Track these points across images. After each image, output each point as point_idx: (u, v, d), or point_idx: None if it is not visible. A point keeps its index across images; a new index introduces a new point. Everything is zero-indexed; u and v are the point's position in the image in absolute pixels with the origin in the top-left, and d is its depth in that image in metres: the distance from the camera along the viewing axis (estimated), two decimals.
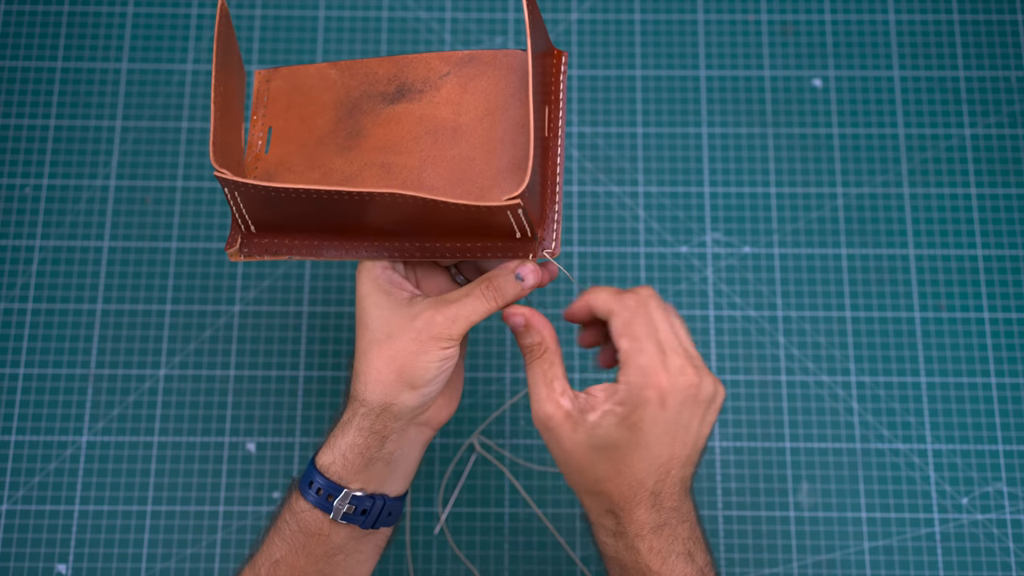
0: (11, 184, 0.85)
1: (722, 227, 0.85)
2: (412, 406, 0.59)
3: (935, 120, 0.87)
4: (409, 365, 0.58)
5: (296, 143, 0.63)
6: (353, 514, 0.60)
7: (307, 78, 0.65)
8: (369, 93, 0.63)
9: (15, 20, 0.89)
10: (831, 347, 0.82)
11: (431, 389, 0.59)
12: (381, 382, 0.58)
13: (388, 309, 0.59)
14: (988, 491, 0.79)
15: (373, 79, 0.63)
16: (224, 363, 0.82)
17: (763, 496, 0.79)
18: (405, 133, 0.61)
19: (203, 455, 0.80)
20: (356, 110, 0.63)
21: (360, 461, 0.60)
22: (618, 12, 0.90)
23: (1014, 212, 0.85)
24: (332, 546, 0.61)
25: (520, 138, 0.59)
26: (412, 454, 0.62)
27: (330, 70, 0.64)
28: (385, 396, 0.58)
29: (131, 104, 0.87)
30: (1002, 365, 0.81)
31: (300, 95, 0.64)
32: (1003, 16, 0.89)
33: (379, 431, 0.59)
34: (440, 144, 0.60)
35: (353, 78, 0.64)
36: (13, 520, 0.78)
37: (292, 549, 0.60)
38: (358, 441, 0.59)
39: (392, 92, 0.63)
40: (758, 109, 0.88)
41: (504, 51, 0.62)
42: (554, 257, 0.59)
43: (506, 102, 0.61)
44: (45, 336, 0.82)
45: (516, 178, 0.59)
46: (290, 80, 0.65)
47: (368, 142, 0.61)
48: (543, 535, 0.78)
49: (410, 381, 0.58)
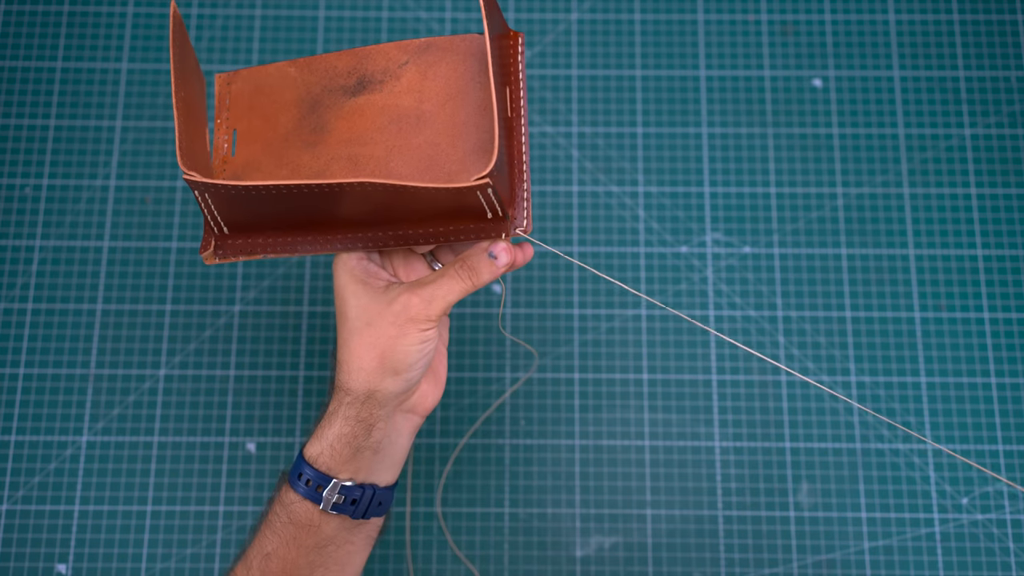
0: (11, 184, 0.85)
1: (722, 227, 0.85)
2: (396, 391, 0.59)
3: (935, 120, 0.87)
4: (390, 350, 0.58)
5: (261, 142, 0.63)
6: (343, 504, 0.60)
7: (267, 78, 0.65)
8: (330, 88, 0.63)
9: (15, 20, 0.89)
10: (831, 347, 0.82)
11: (413, 374, 0.59)
12: (364, 369, 0.59)
13: (366, 297, 0.59)
14: (988, 491, 0.79)
15: (333, 73, 0.64)
16: (224, 363, 0.82)
17: (763, 496, 0.79)
18: (369, 124, 0.62)
19: (203, 455, 0.80)
20: (318, 105, 0.63)
21: (348, 451, 0.60)
22: (618, 12, 0.90)
23: (1014, 212, 0.85)
24: (323, 537, 0.61)
25: (483, 121, 0.60)
26: (399, 442, 0.62)
27: (289, 68, 0.64)
28: (368, 383, 0.59)
29: (131, 104, 0.87)
30: (1002, 365, 0.81)
31: (261, 95, 0.64)
32: (1003, 16, 0.89)
33: (365, 419, 0.60)
34: (404, 132, 0.61)
35: (313, 74, 0.64)
36: (13, 520, 0.78)
37: (283, 542, 0.60)
38: (345, 430, 0.60)
39: (353, 85, 0.63)
40: (758, 109, 0.87)
41: (460, 36, 0.63)
42: (527, 234, 0.59)
43: (466, 86, 0.61)
44: (45, 336, 0.82)
45: (483, 160, 0.59)
46: (251, 81, 0.65)
47: (333, 136, 0.62)
48: (543, 535, 0.78)
49: (392, 366, 0.59)
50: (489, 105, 0.60)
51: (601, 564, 0.78)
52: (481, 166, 0.59)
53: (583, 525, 0.78)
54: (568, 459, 0.80)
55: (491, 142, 0.59)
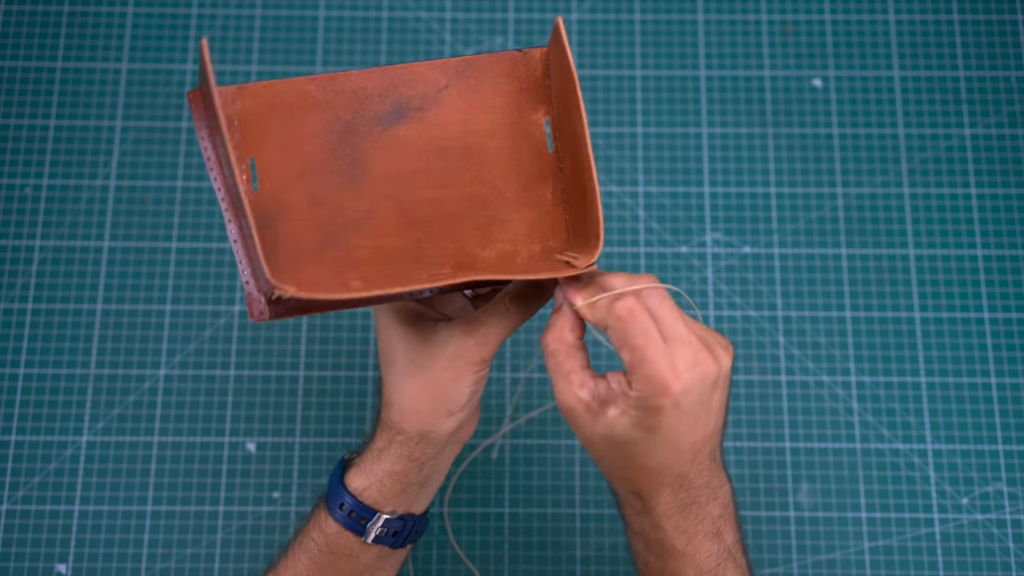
0: (11, 184, 0.85)
1: (722, 227, 0.85)
2: (450, 431, 0.59)
3: (935, 120, 0.87)
4: (444, 393, 0.57)
5: (285, 176, 0.55)
6: (385, 536, 0.60)
7: (281, 96, 0.56)
8: (362, 113, 0.57)
9: (15, 20, 0.89)
10: (831, 347, 0.82)
11: (467, 412, 0.59)
12: (417, 411, 0.58)
13: (416, 339, 0.58)
14: (988, 491, 0.79)
15: (363, 96, 0.57)
16: (224, 363, 0.82)
17: (763, 496, 0.79)
18: (412, 159, 0.57)
19: (203, 455, 0.80)
20: (351, 134, 0.57)
21: (397, 487, 0.60)
22: (618, 12, 0.90)
23: (1014, 212, 0.85)
24: (360, 565, 0.61)
25: (531, 152, 0.57)
26: (442, 469, 0.63)
27: (307, 85, 0.56)
28: (423, 424, 0.58)
29: (131, 104, 0.87)
30: (1002, 365, 0.81)
31: (276, 117, 0.56)
32: (1003, 16, 0.89)
33: (418, 458, 0.59)
34: (452, 169, 0.57)
35: (338, 95, 0.57)
36: (13, 520, 0.78)
37: (319, 567, 0.60)
38: (396, 468, 0.59)
39: (389, 112, 0.57)
40: (758, 109, 0.87)
41: (499, 55, 0.58)
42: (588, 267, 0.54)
43: (512, 113, 0.58)
44: (45, 336, 0.82)
45: (537, 199, 0.56)
46: (261, 99, 0.56)
47: (373, 171, 0.56)
48: (543, 535, 0.78)
49: (447, 408, 0.58)
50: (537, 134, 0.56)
51: (601, 564, 0.78)
52: (535, 207, 0.56)
53: (583, 525, 0.78)
54: (568, 459, 0.80)
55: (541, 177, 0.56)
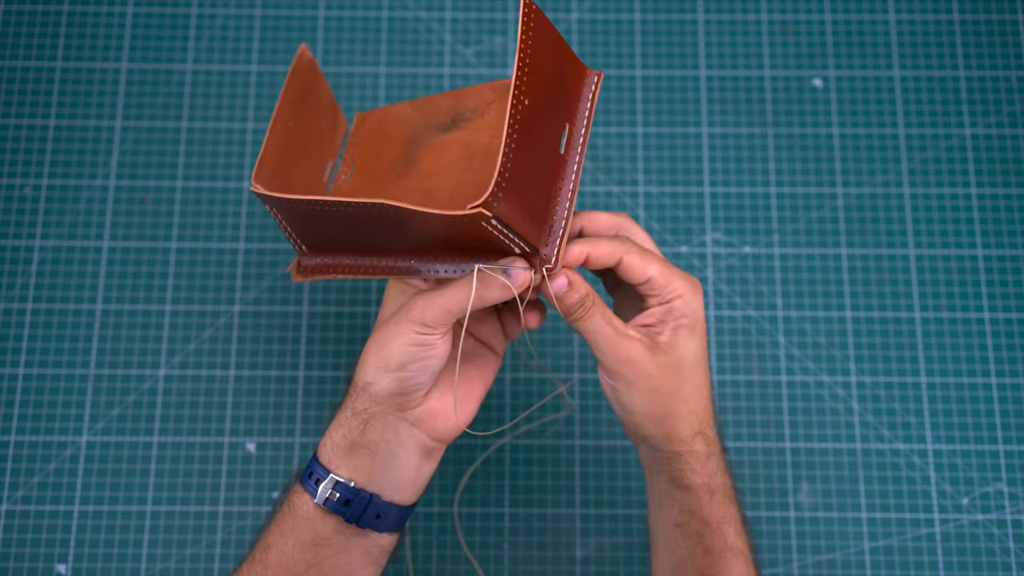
0: (11, 184, 0.85)
1: (722, 227, 0.85)
2: (387, 389, 0.60)
3: (935, 120, 0.87)
4: (386, 345, 0.59)
5: (369, 174, 0.67)
6: (336, 502, 0.60)
7: (390, 115, 0.69)
8: (430, 124, 0.66)
9: (15, 20, 0.89)
10: (831, 347, 0.82)
11: (405, 375, 0.59)
12: (364, 362, 0.60)
13: (398, 302, 0.61)
14: (988, 491, 0.79)
15: (435, 111, 0.66)
16: (224, 363, 0.82)
17: (763, 496, 0.79)
18: (448, 158, 0.63)
19: (203, 455, 0.80)
20: (417, 141, 0.66)
21: (344, 443, 0.61)
22: (618, 12, 0.90)
23: (1014, 212, 0.85)
24: (317, 535, 0.61)
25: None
26: (402, 454, 0.61)
27: (407, 107, 0.68)
28: (365, 376, 0.60)
29: (131, 104, 0.87)
30: (1002, 365, 0.81)
31: (382, 131, 0.68)
32: (1003, 16, 0.89)
33: (360, 412, 0.60)
34: (473, 167, 0.61)
35: (420, 112, 0.67)
36: (13, 520, 0.78)
37: (282, 533, 0.61)
38: (342, 422, 0.61)
39: (448, 122, 0.65)
40: (758, 109, 0.87)
41: None
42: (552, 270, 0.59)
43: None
44: (45, 336, 0.82)
45: None
46: (378, 118, 0.69)
47: (418, 168, 0.64)
48: (543, 535, 0.78)
49: (384, 362, 0.59)
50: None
51: (601, 564, 0.78)
52: None
53: (583, 525, 0.78)
54: (568, 459, 0.80)
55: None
